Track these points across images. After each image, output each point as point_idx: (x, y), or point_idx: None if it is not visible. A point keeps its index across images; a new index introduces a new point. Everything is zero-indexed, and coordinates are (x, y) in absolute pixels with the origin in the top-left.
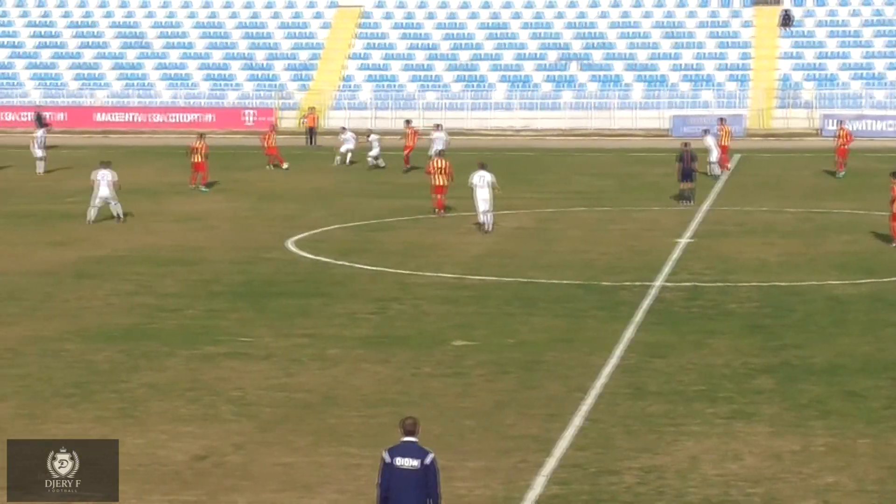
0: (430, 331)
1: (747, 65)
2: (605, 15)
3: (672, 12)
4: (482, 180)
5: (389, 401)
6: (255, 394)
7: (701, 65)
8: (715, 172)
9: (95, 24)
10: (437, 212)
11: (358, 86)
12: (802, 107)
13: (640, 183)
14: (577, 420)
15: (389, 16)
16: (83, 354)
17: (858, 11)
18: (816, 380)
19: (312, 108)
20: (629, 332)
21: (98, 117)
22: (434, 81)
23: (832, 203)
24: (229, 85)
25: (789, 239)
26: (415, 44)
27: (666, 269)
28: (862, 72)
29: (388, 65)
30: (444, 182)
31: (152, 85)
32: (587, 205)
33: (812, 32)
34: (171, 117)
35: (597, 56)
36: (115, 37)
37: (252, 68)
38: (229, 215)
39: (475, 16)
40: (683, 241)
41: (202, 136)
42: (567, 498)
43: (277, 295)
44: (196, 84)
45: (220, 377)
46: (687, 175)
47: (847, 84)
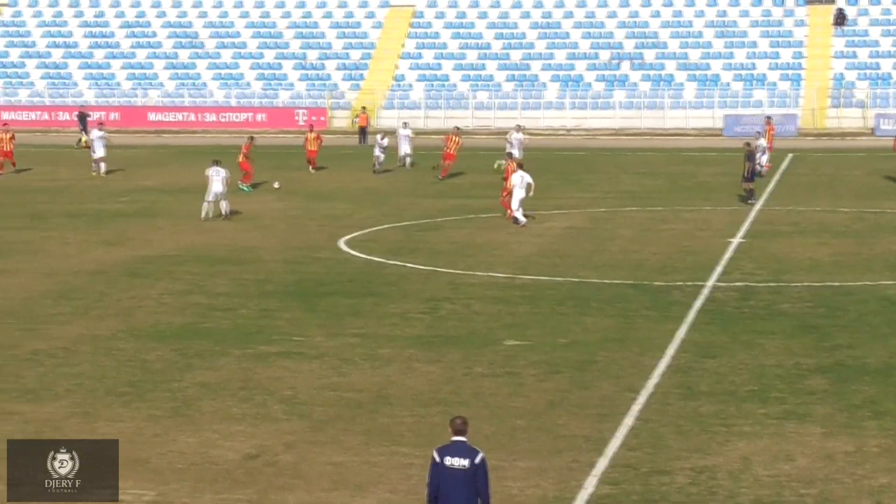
0: (482, 330)
1: (800, 64)
2: (658, 14)
3: (725, 11)
4: (522, 181)
5: (441, 400)
6: (307, 393)
7: (753, 64)
8: (762, 172)
9: (148, 24)
10: (509, 214)
11: (409, 85)
12: (855, 106)
13: (692, 183)
14: (629, 420)
15: (441, 15)
16: (136, 353)
17: None
18: (870, 380)
19: (364, 108)
20: (681, 332)
21: (151, 117)
22: (486, 81)
23: (886, 203)
24: (281, 85)
25: (842, 239)
26: (467, 43)
27: (718, 269)
28: None
29: (440, 64)
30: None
31: (205, 84)
32: (639, 205)
33: (866, 31)
34: (224, 117)
35: (649, 55)
36: (168, 37)
37: (304, 68)
38: (281, 215)
39: (527, 15)
40: (736, 241)
41: (251, 138)
42: (618, 498)
43: (329, 294)
44: (248, 84)
45: (273, 376)
46: (751, 175)
47: None
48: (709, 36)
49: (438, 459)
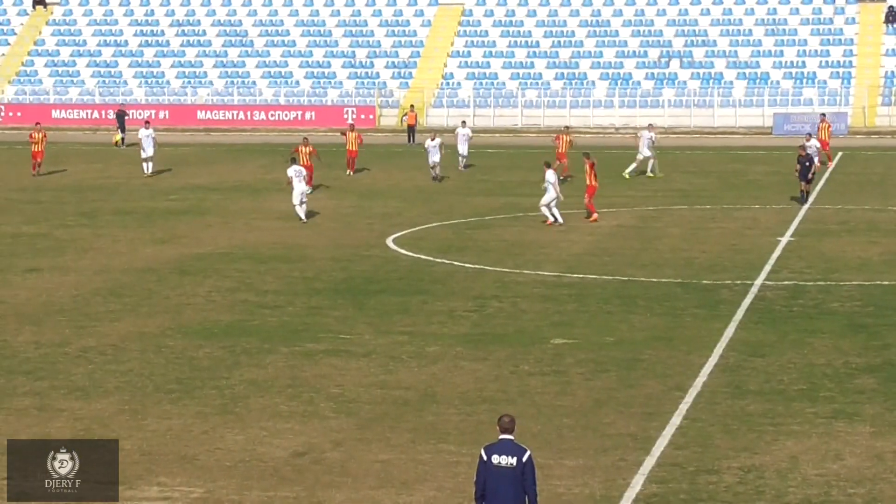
0: (529, 329)
1: (850, 62)
2: (707, 12)
3: (775, 9)
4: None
5: (488, 398)
6: (355, 391)
7: (803, 62)
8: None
9: (198, 23)
10: (594, 217)
11: (458, 83)
12: None
13: (741, 181)
14: (676, 419)
15: (490, 13)
16: (184, 351)
17: None
18: None
19: (413, 107)
20: (729, 331)
21: (200, 115)
22: (534, 79)
23: None
24: (330, 83)
25: (892, 237)
26: (515, 41)
27: (767, 268)
28: None
29: (489, 62)
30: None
31: (254, 83)
32: (687, 203)
33: None
34: (273, 115)
35: (698, 53)
36: (218, 35)
37: (353, 66)
38: (330, 213)
39: (576, 13)
40: (785, 240)
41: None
42: (666, 497)
43: (377, 292)
44: (297, 82)
45: (320, 374)
46: (808, 176)
47: None
48: (758, 34)
49: (486, 458)
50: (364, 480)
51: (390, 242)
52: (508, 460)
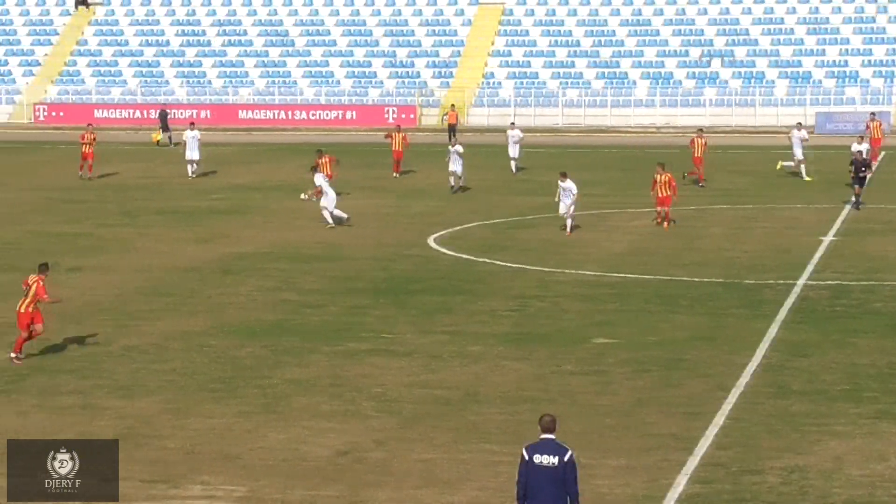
0: (571, 328)
1: (893, 60)
2: (749, 11)
3: (817, 8)
4: (567, 191)
5: (530, 398)
6: (397, 390)
7: (846, 61)
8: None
9: (239, 23)
10: (661, 221)
11: (499, 83)
12: None
13: (784, 180)
14: (719, 419)
15: (531, 13)
16: (227, 350)
17: None
18: None
19: (454, 106)
20: (772, 331)
21: (241, 115)
22: (575, 78)
23: None
24: (371, 82)
25: None
26: (556, 41)
27: (809, 268)
28: None
29: (530, 62)
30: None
31: (295, 82)
32: (729, 202)
33: None
34: (314, 115)
35: (740, 53)
36: (259, 35)
37: (394, 66)
38: (371, 212)
39: (617, 12)
40: (827, 239)
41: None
42: (709, 497)
43: (419, 292)
44: (338, 82)
45: (362, 373)
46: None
47: None
48: (800, 33)
49: (528, 457)
50: (406, 480)
51: (431, 242)
52: (550, 460)
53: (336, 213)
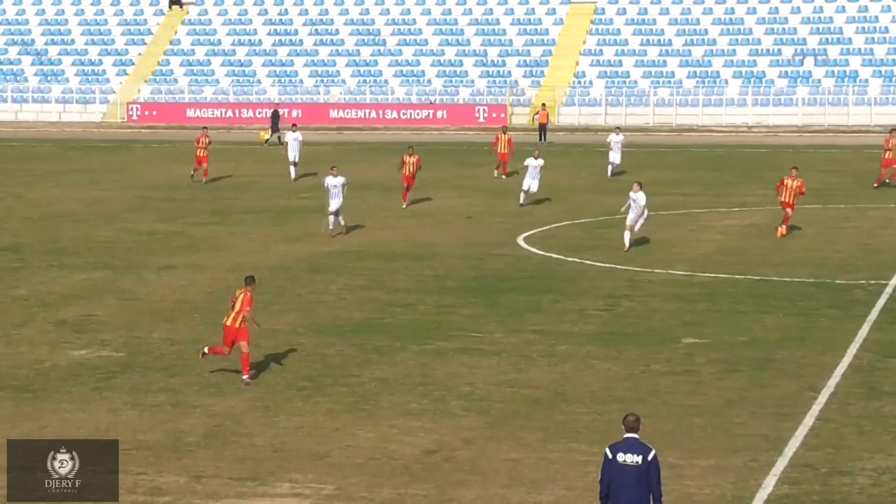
0: (660, 328)
1: None
2: (842, 10)
3: None
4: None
5: (618, 398)
6: (485, 389)
7: None
8: None
9: (331, 22)
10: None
11: (590, 82)
12: None
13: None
14: (809, 419)
15: (622, 12)
16: (316, 348)
17: None
18: None
19: (544, 105)
20: (863, 331)
21: (332, 114)
22: (667, 78)
23: None
24: (462, 81)
25: None
26: (648, 40)
27: None
28: None
29: (621, 61)
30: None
31: (386, 82)
32: (821, 202)
33: None
34: (405, 114)
35: (833, 52)
36: (351, 34)
37: (485, 65)
38: (461, 211)
39: (709, 11)
40: None
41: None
42: (798, 498)
43: (508, 291)
44: (429, 81)
45: (451, 372)
46: None
47: None
48: (894, 31)
49: (611, 456)
50: (494, 479)
51: (521, 241)
52: (634, 458)
53: (329, 218)
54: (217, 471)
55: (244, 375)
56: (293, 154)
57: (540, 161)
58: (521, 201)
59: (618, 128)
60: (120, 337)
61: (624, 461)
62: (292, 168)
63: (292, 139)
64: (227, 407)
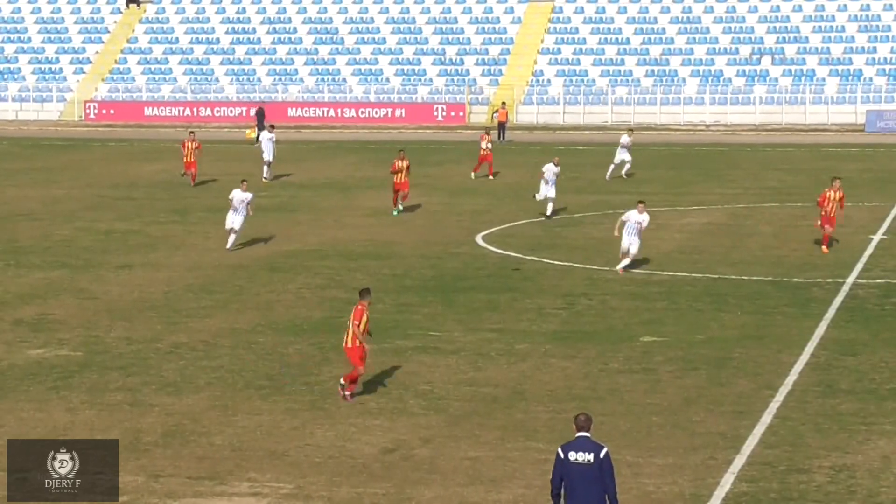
0: (619, 326)
1: None
2: (799, 9)
3: (868, 5)
4: (639, 226)
5: (577, 396)
6: (444, 388)
7: None
8: None
9: (289, 21)
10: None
11: (548, 81)
12: None
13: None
14: (767, 418)
15: (580, 10)
16: (275, 347)
17: None
18: None
19: (504, 104)
20: (820, 330)
21: (291, 112)
22: (625, 76)
23: None
24: (420, 80)
25: None
26: (606, 38)
27: (859, 266)
28: None
29: (579, 59)
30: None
31: (344, 80)
32: (779, 201)
33: None
34: (363, 112)
35: (790, 50)
36: (309, 33)
37: (443, 63)
38: (420, 210)
39: (667, 10)
40: (877, 238)
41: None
42: (756, 496)
43: (466, 290)
44: (387, 79)
45: (409, 371)
46: None
47: None
48: (851, 31)
49: (563, 455)
50: (453, 477)
51: (479, 240)
52: (585, 457)
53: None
54: (175, 470)
55: (347, 392)
56: (268, 154)
57: (558, 169)
58: (547, 213)
59: (631, 129)
60: (77, 336)
61: (576, 460)
62: (265, 167)
63: (266, 139)
64: (186, 406)
